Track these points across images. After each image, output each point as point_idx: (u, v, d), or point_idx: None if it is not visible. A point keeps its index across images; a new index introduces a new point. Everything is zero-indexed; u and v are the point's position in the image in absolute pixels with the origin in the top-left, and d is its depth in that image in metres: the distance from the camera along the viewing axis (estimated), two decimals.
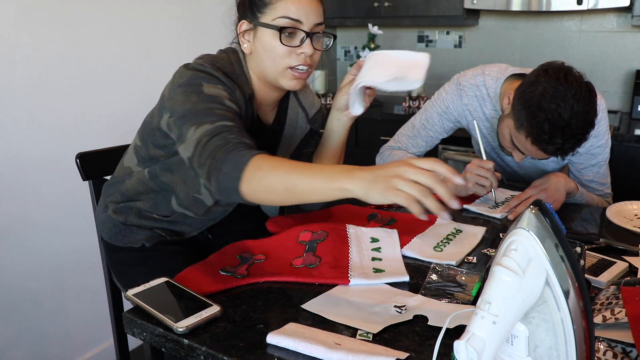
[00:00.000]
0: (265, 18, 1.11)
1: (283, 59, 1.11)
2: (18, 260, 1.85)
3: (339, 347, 0.75)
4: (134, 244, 1.27)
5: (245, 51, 1.17)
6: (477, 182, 1.38)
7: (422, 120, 1.64)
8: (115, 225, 1.29)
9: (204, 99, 1.05)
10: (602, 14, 2.76)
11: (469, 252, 1.13)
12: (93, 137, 2.01)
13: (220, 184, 0.93)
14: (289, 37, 1.10)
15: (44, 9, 1.83)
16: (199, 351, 0.79)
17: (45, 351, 1.97)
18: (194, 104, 1.05)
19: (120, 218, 1.28)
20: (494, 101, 1.52)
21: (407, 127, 1.68)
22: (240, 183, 0.90)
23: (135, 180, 1.27)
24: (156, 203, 1.27)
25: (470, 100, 1.56)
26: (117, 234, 1.28)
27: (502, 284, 0.59)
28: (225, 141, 0.96)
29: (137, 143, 1.26)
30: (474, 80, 1.55)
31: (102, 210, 1.33)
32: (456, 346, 0.58)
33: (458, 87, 1.57)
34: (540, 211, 0.60)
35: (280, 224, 1.25)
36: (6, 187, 1.80)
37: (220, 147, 0.94)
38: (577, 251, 0.93)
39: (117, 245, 1.29)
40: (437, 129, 1.63)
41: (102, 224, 1.32)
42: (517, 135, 1.31)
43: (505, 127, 1.37)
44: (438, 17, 2.89)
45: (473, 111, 1.56)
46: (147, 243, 1.26)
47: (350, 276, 0.99)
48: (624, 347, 0.78)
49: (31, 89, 1.83)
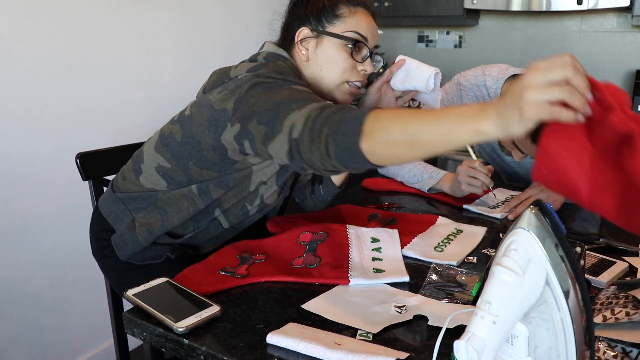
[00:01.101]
0: (335, 29, 1.12)
1: (345, 72, 1.13)
2: (18, 260, 1.85)
3: (339, 347, 0.75)
4: (156, 259, 1.19)
5: (303, 58, 1.15)
6: (468, 183, 1.39)
7: None
8: (137, 247, 1.17)
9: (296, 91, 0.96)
10: (602, 14, 2.76)
11: (469, 252, 1.13)
12: (93, 137, 2.01)
13: (339, 146, 0.82)
14: (356, 51, 1.13)
15: (44, 8, 1.83)
16: (199, 351, 0.79)
17: (45, 351, 1.97)
18: (288, 93, 0.95)
19: (145, 240, 1.16)
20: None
21: None
22: (360, 139, 0.79)
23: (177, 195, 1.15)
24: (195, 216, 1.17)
25: (470, 100, 1.56)
26: (137, 253, 1.19)
27: (502, 284, 0.59)
28: (339, 109, 0.87)
29: (165, 165, 1.14)
30: (474, 80, 1.55)
31: (125, 226, 1.19)
32: (456, 346, 0.58)
33: (458, 87, 1.57)
34: (540, 211, 0.60)
35: (280, 224, 1.25)
36: (6, 187, 1.80)
37: (336, 113, 0.85)
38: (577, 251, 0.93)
39: (132, 264, 1.21)
40: None
41: (122, 242, 1.18)
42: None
43: None
44: (438, 17, 2.89)
45: None
46: (172, 255, 1.19)
47: (350, 276, 0.99)
48: (624, 347, 0.78)
49: (31, 89, 1.83)
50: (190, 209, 1.15)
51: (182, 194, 1.15)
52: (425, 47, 3.27)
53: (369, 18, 1.14)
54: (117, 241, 1.20)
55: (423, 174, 1.54)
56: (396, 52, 3.36)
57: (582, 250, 0.93)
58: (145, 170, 1.18)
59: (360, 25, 1.12)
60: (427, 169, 1.55)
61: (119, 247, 1.20)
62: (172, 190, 1.15)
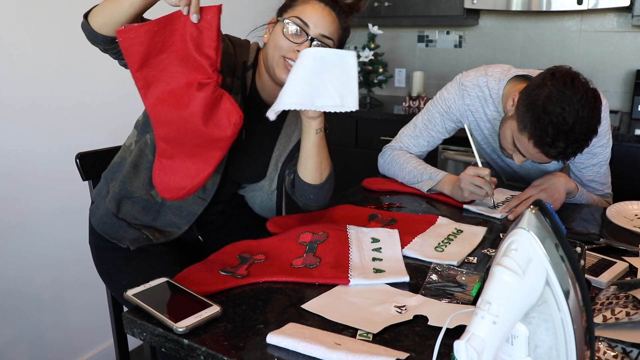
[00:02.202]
0: (285, 15, 1.22)
1: (282, 49, 1.20)
2: (18, 260, 1.85)
3: (339, 347, 0.75)
4: (120, 242, 1.26)
5: (263, 40, 1.28)
6: (472, 191, 1.39)
7: (424, 120, 1.64)
8: (107, 215, 1.28)
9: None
10: (602, 14, 2.76)
11: (470, 252, 1.13)
12: (93, 136, 2.01)
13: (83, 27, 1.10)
14: (294, 34, 1.19)
15: (44, 8, 1.83)
16: (199, 351, 0.79)
17: (45, 351, 1.97)
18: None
19: (113, 207, 1.27)
20: (496, 102, 1.52)
21: (409, 127, 1.68)
22: (87, 20, 1.08)
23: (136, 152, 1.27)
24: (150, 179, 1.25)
25: (472, 101, 1.56)
26: (106, 223, 1.28)
27: (502, 284, 0.59)
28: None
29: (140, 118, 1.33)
30: (476, 80, 1.55)
31: (101, 196, 1.32)
32: (456, 346, 0.58)
33: (460, 87, 1.57)
34: (540, 211, 0.60)
35: (280, 224, 1.25)
36: (6, 187, 1.80)
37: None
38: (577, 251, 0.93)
39: (104, 243, 1.29)
40: (439, 128, 1.63)
41: (96, 209, 1.32)
42: (520, 137, 1.31)
43: (507, 128, 1.37)
44: (438, 17, 2.89)
45: (475, 112, 1.56)
46: (132, 246, 1.25)
47: (351, 276, 0.99)
48: (624, 347, 0.78)
49: (31, 89, 1.83)
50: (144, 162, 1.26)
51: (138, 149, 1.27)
52: (425, 47, 3.27)
53: (318, 7, 1.21)
54: (92, 209, 1.34)
55: (423, 175, 1.54)
56: (396, 52, 3.37)
57: (582, 250, 0.93)
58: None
59: (305, 13, 1.20)
60: (427, 170, 1.55)
61: (92, 214, 1.33)
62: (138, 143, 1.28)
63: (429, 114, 1.64)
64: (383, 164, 1.69)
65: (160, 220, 1.28)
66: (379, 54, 3.00)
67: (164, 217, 1.28)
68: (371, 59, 2.97)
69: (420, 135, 1.65)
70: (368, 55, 2.96)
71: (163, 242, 1.28)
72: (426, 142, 1.65)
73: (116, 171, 1.32)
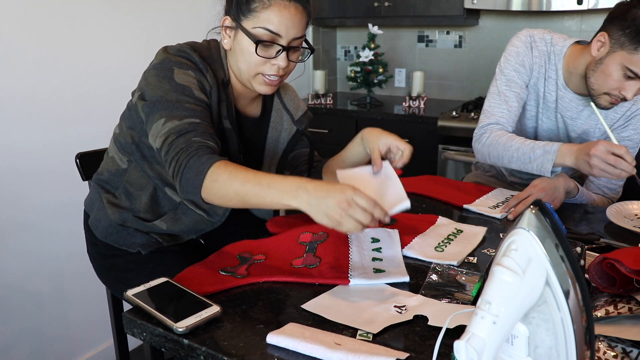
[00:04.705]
0: (247, 23, 1.11)
1: (257, 66, 1.13)
2: (18, 260, 1.85)
3: (339, 347, 0.75)
4: (130, 247, 1.24)
5: (225, 46, 1.19)
6: (603, 169, 1.26)
7: (503, 83, 1.59)
8: (112, 226, 1.25)
9: (174, 88, 1.10)
10: (602, 14, 2.74)
11: (470, 252, 1.13)
12: (93, 137, 2.01)
13: (183, 188, 1.01)
14: (265, 48, 1.12)
15: (44, 8, 1.83)
16: (199, 351, 0.79)
17: (45, 351, 1.97)
18: (165, 92, 1.09)
19: (117, 219, 1.24)
20: (556, 60, 1.54)
21: (493, 98, 1.60)
22: (200, 190, 0.99)
23: (135, 172, 1.23)
24: (157, 196, 1.24)
25: (539, 53, 1.57)
26: (113, 234, 1.25)
27: (502, 284, 0.59)
28: (189, 144, 1.02)
29: (116, 130, 1.30)
30: (542, 35, 1.58)
31: (97, 208, 1.28)
32: (456, 346, 0.58)
33: (529, 39, 1.58)
34: (540, 211, 0.60)
35: (280, 224, 1.25)
36: (6, 187, 1.80)
37: (184, 151, 1.01)
38: (577, 251, 0.93)
39: (111, 251, 1.26)
40: (521, 84, 1.58)
41: (97, 222, 1.27)
42: (636, 56, 1.33)
43: (611, 64, 1.38)
44: (438, 17, 2.89)
45: (539, 67, 1.57)
46: (144, 250, 1.23)
47: (350, 276, 0.99)
48: (624, 347, 0.78)
49: (31, 89, 1.83)
50: (150, 184, 1.23)
51: (138, 171, 1.23)
52: (425, 47, 3.27)
53: (285, 11, 1.09)
54: (93, 222, 1.29)
55: (535, 150, 1.40)
56: (396, 52, 3.37)
57: (582, 250, 0.93)
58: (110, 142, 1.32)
59: (271, 21, 1.08)
60: (538, 144, 1.41)
61: (94, 227, 1.28)
62: (131, 165, 1.24)
63: (504, 75, 1.60)
64: (482, 147, 1.56)
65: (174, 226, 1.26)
66: (379, 54, 3.00)
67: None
68: (371, 59, 2.97)
69: (508, 98, 1.57)
70: (368, 55, 2.96)
71: (172, 246, 1.27)
72: (516, 102, 1.58)
73: (109, 182, 1.28)
